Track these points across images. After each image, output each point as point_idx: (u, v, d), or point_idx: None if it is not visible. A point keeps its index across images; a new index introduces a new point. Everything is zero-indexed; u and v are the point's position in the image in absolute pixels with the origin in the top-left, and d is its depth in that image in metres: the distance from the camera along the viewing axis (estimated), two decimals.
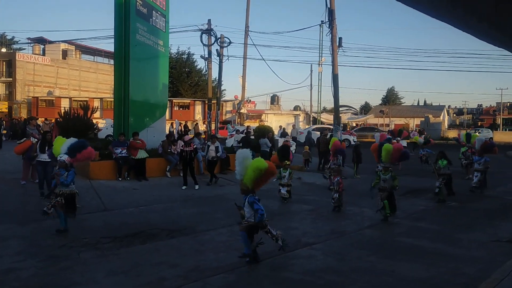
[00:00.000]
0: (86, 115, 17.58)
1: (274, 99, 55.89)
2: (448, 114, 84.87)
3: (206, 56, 22.98)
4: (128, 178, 13.06)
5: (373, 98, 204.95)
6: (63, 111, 19.94)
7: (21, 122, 27.23)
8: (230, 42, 24.00)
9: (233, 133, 23.13)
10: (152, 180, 13.22)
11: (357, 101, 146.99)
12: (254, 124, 33.09)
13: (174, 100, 49.45)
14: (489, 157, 13.83)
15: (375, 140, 16.24)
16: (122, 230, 7.94)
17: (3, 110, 47.97)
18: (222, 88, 56.11)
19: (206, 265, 6.21)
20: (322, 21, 26.24)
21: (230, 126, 31.82)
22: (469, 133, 17.00)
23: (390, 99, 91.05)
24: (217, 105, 24.34)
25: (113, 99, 15.46)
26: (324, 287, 5.63)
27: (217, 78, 25.87)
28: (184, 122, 34.33)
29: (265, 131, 18.92)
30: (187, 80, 60.18)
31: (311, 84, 46.34)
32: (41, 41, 55.28)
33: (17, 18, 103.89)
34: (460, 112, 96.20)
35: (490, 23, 5.25)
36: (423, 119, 49.69)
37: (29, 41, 55.37)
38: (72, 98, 47.99)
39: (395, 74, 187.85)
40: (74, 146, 7.80)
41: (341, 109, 34.85)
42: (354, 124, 55.70)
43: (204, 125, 23.24)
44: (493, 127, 64.20)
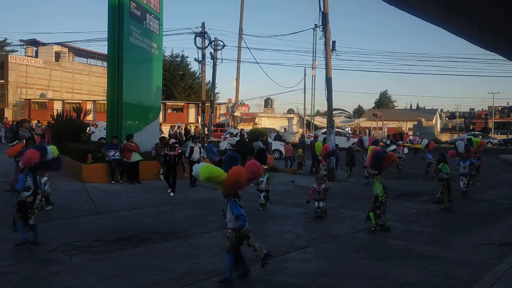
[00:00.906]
0: (79, 118, 17.49)
1: (268, 102, 56.01)
2: (441, 118, 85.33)
3: (200, 59, 22.90)
4: (121, 181, 13.00)
5: (366, 102, 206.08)
6: (56, 114, 19.84)
7: (13, 125, 27.02)
8: (224, 45, 23.89)
9: (227, 136, 23.11)
10: (145, 183, 13.18)
11: (350, 105, 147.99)
12: (248, 127, 33.12)
13: (168, 103, 49.45)
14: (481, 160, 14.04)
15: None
16: (115, 234, 7.91)
17: None
18: (216, 91, 56.23)
19: (200, 269, 6.20)
20: (316, 25, 26.37)
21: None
22: (470, 138, 16.38)
23: (383, 103, 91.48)
24: (211, 108, 24.26)
25: (106, 102, 15.39)
26: None
27: (211, 81, 25.81)
28: (185, 125, 34.24)
29: (260, 134, 18.94)
30: (181, 83, 60.20)
31: (305, 87, 46.49)
32: (34, 43, 55.07)
33: (10, 20, 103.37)
34: (453, 116, 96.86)
35: (482, 28, 5.31)
36: (416, 123, 49.96)
37: (22, 43, 55.16)
38: (65, 101, 47.87)
39: (388, 78, 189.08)
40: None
41: (335, 113, 34.93)
42: (348, 128, 55.79)
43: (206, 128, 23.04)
44: (485, 131, 64.75)
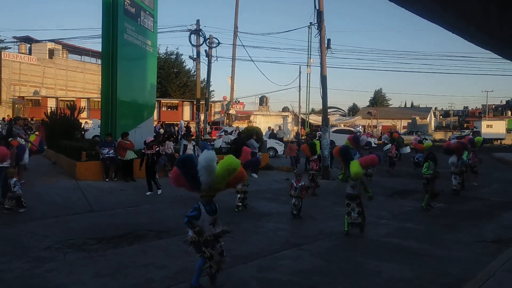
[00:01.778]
0: (73, 115, 17.41)
1: (263, 100, 56.05)
2: (435, 116, 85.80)
3: (195, 57, 22.87)
4: (116, 179, 12.95)
5: (361, 100, 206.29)
6: (50, 111, 19.74)
7: (8, 122, 26.85)
8: (219, 43, 23.95)
9: (222, 134, 23.07)
10: (140, 181, 13.11)
11: (345, 103, 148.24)
12: (243, 125, 33.11)
13: (162, 101, 49.27)
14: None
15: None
16: (109, 231, 7.88)
17: None
18: (211, 89, 56.24)
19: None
20: (311, 23, 26.46)
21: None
22: (472, 138, 16.29)
23: (378, 101, 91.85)
24: (206, 106, 24.23)
25: (101, 99, 15.31)
26: None
27: (206, 79, 25.75)
28: (186, 123, 34.18)
29: (253, 132, 18.92)
30: (176, 81, 60.04)
31: (300, 85, 46.44)
32: (28, 40, 54.66)
33: (3, 17, 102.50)
34: (447, 114, 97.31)
35: (478, 26, 5.35)
36: (410, 121, 50.22)
37: (15, 40, 54.67)
38: (59, 98, 47.48)
39: (383, 76, 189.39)
40: None
41: (329, 111, 34.97)
42: (342, 126, 55.90)
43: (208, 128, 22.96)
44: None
